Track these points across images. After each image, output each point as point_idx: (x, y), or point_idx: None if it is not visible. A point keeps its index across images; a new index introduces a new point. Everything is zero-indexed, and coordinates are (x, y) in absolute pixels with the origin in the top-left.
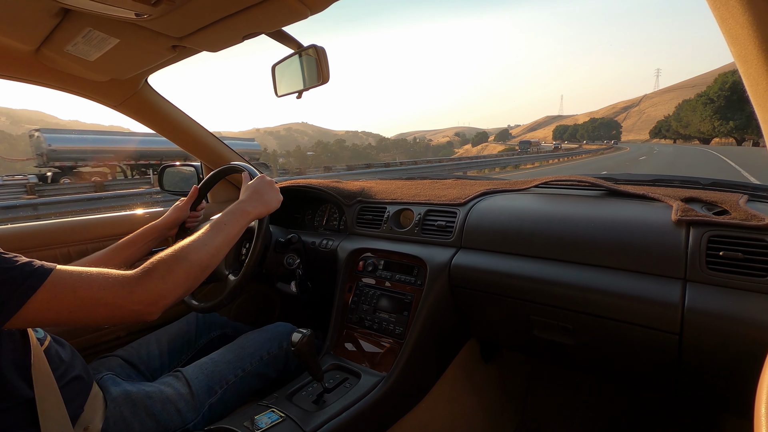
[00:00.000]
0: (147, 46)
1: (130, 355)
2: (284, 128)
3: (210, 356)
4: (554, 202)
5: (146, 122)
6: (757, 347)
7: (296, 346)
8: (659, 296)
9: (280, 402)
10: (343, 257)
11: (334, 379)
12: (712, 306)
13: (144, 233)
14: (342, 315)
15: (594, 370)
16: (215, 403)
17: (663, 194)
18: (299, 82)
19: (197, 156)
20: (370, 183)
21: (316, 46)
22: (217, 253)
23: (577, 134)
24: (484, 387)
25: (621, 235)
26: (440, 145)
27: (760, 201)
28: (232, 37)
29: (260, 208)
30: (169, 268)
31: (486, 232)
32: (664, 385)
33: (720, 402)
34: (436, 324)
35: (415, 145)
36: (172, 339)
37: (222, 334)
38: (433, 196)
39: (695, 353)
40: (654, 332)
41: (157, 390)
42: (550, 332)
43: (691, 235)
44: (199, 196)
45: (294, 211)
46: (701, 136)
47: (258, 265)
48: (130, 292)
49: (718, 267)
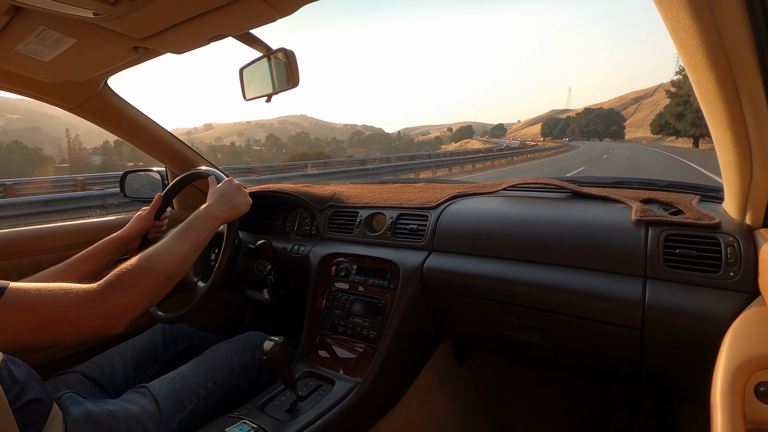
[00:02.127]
0: (106, 47)
1: (92, 371)
2: (279, 121)
3: (178, 370)
4: (522, 204)
5: (106, 126)
6: (711, 340)
7: (268, 354)
8: (622, 294)
9: (252, 413)
10: (315, 262)
11: (307, 387)
12: (670, 302)
13: (104, 246)
14: (315, 321)
15: (563, 367)
16: (185, 419)
17: (623, 196)
18: (268, 85)
19: (162, 161)
20: (342, 187)
21: (285, 49)
22: (185, 261)
23: (567, 129)
24: (457, 388)
25: (585, 236)
26: (424, 142)
27: (711, 201)
28: (198, 39)
29: (229, 212)
30: (134, 280)
31: (457, 235)
32: (628, 379)
33: (680, 393)
34: (409, 327)
35: (398, 140)
36: (137, 353)
37: (190, 346)
38: (405, 200)
39: (656, 347)
40: (617, 328)
41: (122, 408)
42: (521, 332)
43: (650, 235)
44: (164, 204)
45: (264, 217)
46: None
47: (228, 272)
48: (93, 306)
49: (675, 264)
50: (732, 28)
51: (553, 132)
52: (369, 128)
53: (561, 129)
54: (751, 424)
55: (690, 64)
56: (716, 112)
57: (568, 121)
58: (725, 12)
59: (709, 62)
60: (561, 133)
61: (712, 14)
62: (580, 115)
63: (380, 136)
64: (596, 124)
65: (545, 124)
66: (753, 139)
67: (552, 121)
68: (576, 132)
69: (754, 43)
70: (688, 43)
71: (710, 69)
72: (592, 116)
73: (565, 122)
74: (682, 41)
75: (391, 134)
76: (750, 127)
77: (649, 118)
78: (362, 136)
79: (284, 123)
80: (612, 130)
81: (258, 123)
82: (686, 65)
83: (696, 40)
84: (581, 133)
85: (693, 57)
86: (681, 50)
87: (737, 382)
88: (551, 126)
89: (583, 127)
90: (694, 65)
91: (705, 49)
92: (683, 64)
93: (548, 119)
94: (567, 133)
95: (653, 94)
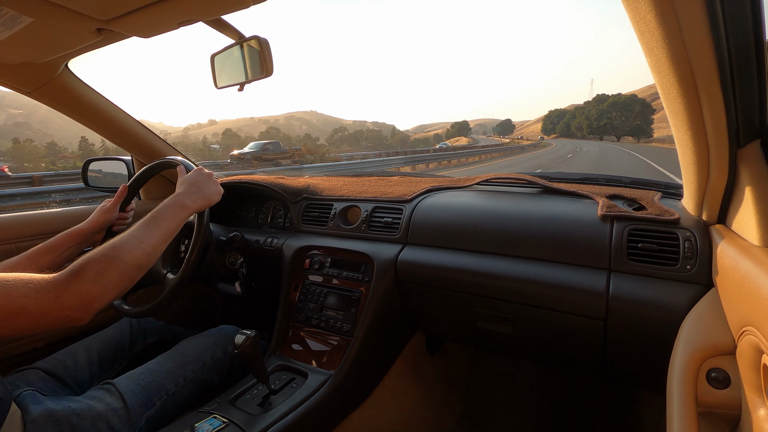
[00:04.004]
0: (67, 28)
1: (54, 367)
2: (285, 117)
3: (146, 365)
4: (495, 199)
5: (66, 111)
6: (668, 329)
7: (239, 348)
8: (587, 285)
9: (223, 407)
10: (288, 255)
11: (280, 380)
12: (631, 293)
13: (65, 239)
14: (288, 314)
15: (531, 356)
16: (153, 416)
17: (590, 191)
18: (241, 74)
19: (127, 149)
20: (316, 179)
21: (258, 37)
22: (153, 251)
23: (572, 124)
24: (429, 379)
25: (555, 230)
26: (420, 139)
27: (671, 197)
28: (166, 23)
29: (200, 201)
30: (100, 269)
31: (431, 229)
32: (592, 367)
33: (639, 380)
34: (383, 319)
35: (392, 137)
36: (102, 348)
37: (159, 341)
38: (380, 193)
39: (618, 336)
40: (583, 319)
41: (86, 406)
42: (492, 323)
43: (615, 229)
44: (129, 194)
45: (236, 209)
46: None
47: (199, 264)
48: (56, 297)
49: (638, 258)
50: (694, 31)
51: (556, 128)
52: (380, 125)
53: (566, 124)
54: (703, 407)
55: (654, 65)
56: (678, 113)
57: (575, 114)
58: (688, 16)
59: (672, 64)
60: (565, 128)
61: (676, 18)
62: (590, 105)
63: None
64: (612, 117)
65: (547, 119)
66: (711, 139)
67: (555, 114)
68: (584, 128)
69: (714, 47)
70: (653, 44)
71: (673, 70)
72: (605, 105)
73: (571, 115)
74: (647, 42)
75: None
76: (708, 128)
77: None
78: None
79: (290, 119)
80: (635, 125)
81: (261, 119)
82: (651, 66)
83: (660, 42)
84: (590, 129)
85: (657, 58)
86: (646, 51)
87: (691, 369)
88: (554, 121)
89: (593, 121)
90: (658, 66)
91: (668, 51)
92: (648, 65)
93: (550, 113)
94: (572, 129)
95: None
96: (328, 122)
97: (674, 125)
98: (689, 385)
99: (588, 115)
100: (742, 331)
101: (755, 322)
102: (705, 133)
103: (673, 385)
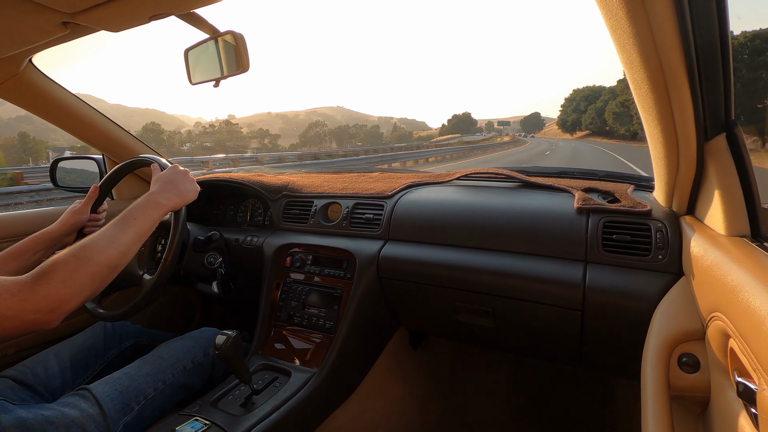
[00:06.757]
0: (30, 21)
1: (24, 375)
2: (306, 113)
3: (123, 370)
4: (475, 193)
5: (31, 108)
6: (642, 317)
7: (220, 349)
8: (566, 278)
9: (205, 409)
10: (269, 253)
11: (263, 380)
12: (607, 283)
13: (34, 242)
14: (270, 313)
15: (511, 348)
16: (131, 422)
17: (567, 185)
18: (216, 69)
19: (98, 147)
20: (296, 177)
21: (233, 32)
22: (127, 251)
23: (582, 118)
24: (412, 374)
25: (533, 223)
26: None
27: (644, 190)
28: (137, 16)
29: (175, 199)
30: (70, 270)
31: (412, 224)
32: (570, 356)
33: (615, 367)
34: (366, 316)
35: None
36: (75, 353)
37: (135, 345)
38: (361, 189)
39: (594, 326)
40: (561, 310)
41: (59, 413)
42: (473, 316)
43: (590, 221)
44: (101, 195)
45: (214, 207)
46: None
47: (177, 264)
48: (23, 299)
49: (612, 249)
50: (663, 29)
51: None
52: (408, 122)
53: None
54: (675, 391)
55: (626, 61)
56: (648, 108)
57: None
58: (657, 14)
59: (642, 60)
60: (574, 124)
61: (646, 15)
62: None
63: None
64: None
65: (564, 110)
66: (680, 133)
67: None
68: (596, 123)
69: (682, 45)
70: (625, 41)
71: (644, 67)
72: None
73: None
74: (619, 39)
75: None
76: (677, 123)
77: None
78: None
79: (312, 115)
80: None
81: (279, 114)
82: (623, 62)
83: (632, 39)
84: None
85: (629, 54)
86: (619, 48)
87: (663, 355)
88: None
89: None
90: (630, 62)
91: (639, 48)
92: (620, 61)
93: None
94: (581, 123)
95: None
96: (352, 118)
97: (645, 120)
98: (661, 370)
99: (605, 104)
100: (711, 316)
101: (722, 308)
102: (674, 128)
103: (647, 371)
